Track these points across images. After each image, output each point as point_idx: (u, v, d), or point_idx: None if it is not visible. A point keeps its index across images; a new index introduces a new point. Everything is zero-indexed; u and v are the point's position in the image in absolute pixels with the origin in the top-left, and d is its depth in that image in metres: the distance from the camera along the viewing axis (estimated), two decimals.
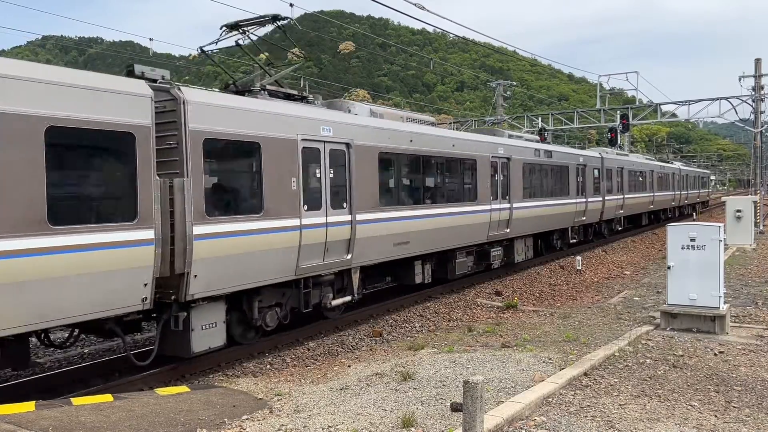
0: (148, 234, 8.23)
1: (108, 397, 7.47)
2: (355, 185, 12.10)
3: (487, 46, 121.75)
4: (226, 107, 9.55)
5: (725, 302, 10.48)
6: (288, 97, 11.81)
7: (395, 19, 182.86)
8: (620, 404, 6.82)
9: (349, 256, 11.96)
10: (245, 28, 11.97)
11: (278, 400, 7.45)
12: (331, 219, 11.48)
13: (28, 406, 6.79)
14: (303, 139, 10.84)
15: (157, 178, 8.44)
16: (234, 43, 12.04)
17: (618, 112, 36.86)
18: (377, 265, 13.44)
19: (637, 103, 39.11)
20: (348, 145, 12.03)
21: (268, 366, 10.46)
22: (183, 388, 8.26)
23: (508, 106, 47.64)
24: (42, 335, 8.80)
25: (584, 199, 24.75)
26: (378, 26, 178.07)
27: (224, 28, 11.96)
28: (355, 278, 12.53)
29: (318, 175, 11.30)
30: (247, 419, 6.60)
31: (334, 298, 12.08)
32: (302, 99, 12.15)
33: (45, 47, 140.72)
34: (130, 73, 9.07)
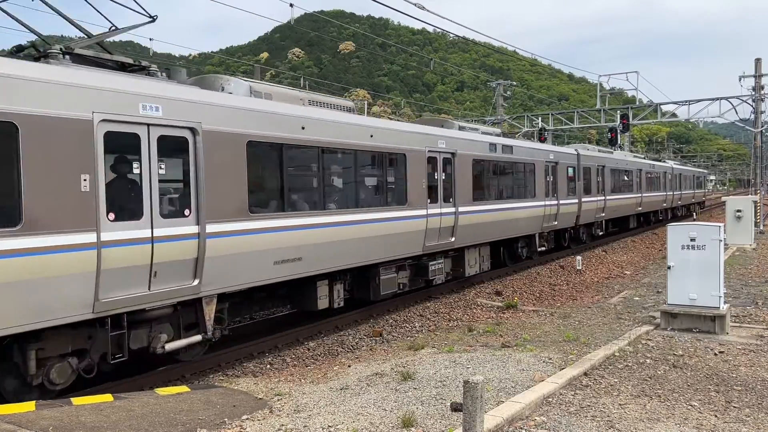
0: None
1: (108, 397, 7.47)
2: (205, 185, 9.06)
3: (487, 46, 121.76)
4: None
5: (725, 302, 10.48)
6: (123, 67, 9.15)
7: (395, 19, 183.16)
8: (620, 404, 6.82)
9: (196, 282, 8.97)
10: None
11: (278, 399, 7.45)
12: (161, 232, 8.48)
13: (28, 405, 6.79)
14: (102, 120, 7.82)
15: None
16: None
17: (618, 112, 36.88)
18: (257, 290, 10.90)
19: (637, 103, 39.13)
20: (193, 131, 8.98)
21: (268, 366, 10.47)
22: (183, 388, 8.26)
23: (509, 106, 47.65)
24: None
25: (555, 202, 21.97)
26: (378, 26, 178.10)
27: None
28: (209, 310, 9.42)
29: (132, 171, 8.33)
30: (247, 419, 6.60)
31: (170, 340, 8.95)
32: (142, 69, 9.40)
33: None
34: None
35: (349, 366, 9.32)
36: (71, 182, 7.47)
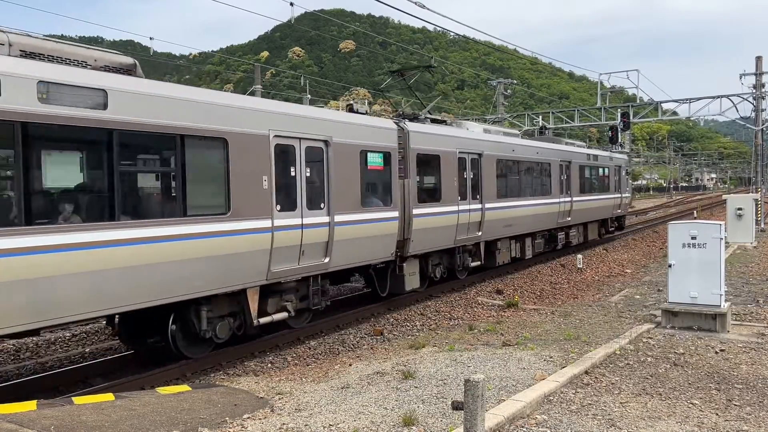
0: None
1: (109, 396, 7.48)
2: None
3: (487, 45, 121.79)
4: None
5: (726, 300, 10.48)
6: None
7: (395, 18, 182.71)
8: (621, 402, 6.82)
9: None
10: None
11: (279, 398, 7.46)
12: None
13: (30, 405, 6.80)
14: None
15: None
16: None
17: (619, 110, 36.85)
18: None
19: (638, 101, 39.06)
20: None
21: (270, 365, 10.47)
22: (184, 387, 8.27)
23: (509, 105, 47.62)
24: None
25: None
26: (378, 25, 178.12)
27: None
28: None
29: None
30: (248, 418, 6.61)
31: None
32: None
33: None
34: None
35: (350, 365, 9.33)
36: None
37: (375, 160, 13.04)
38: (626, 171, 31.07)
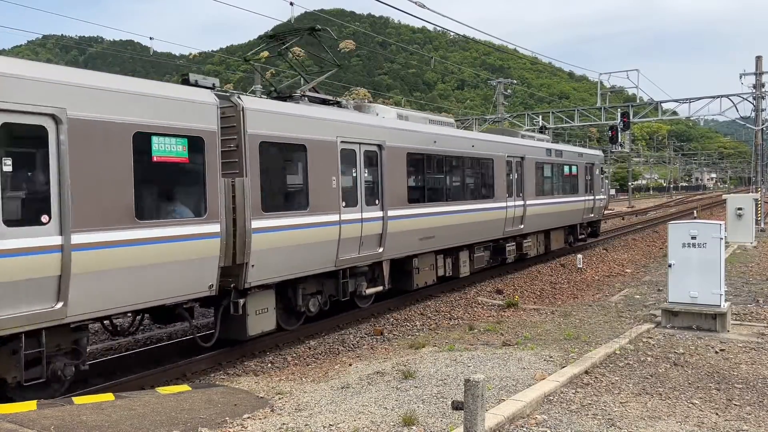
0: None
1: (109, 396, 7.48)
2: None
3: (487, 45, 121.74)
4: None
5: (726, 300, 10.48)
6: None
7: (395, 18, 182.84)
8: (621, 402, 6.82)
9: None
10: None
11: (279, 398, 7.46)
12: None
13: (30, 405, 6.80)
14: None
15: None
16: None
17: (619, 110, 36.82)
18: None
19: (638, 101, 39.05)
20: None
21: (270, 365, 10.47)
22: (184, 387, 8.27)
23: (509, 105, 47.63)
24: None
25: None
26: (378, 24, 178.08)
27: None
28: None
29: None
30: (248, 418, 6.61)
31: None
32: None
33: (45, 46, 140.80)
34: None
35: (350, 365, 9.33)
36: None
37: (168, 149, 8.90)
38: (601, 169, 27.28)
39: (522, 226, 19.44)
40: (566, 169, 23.23)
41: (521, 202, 19.35)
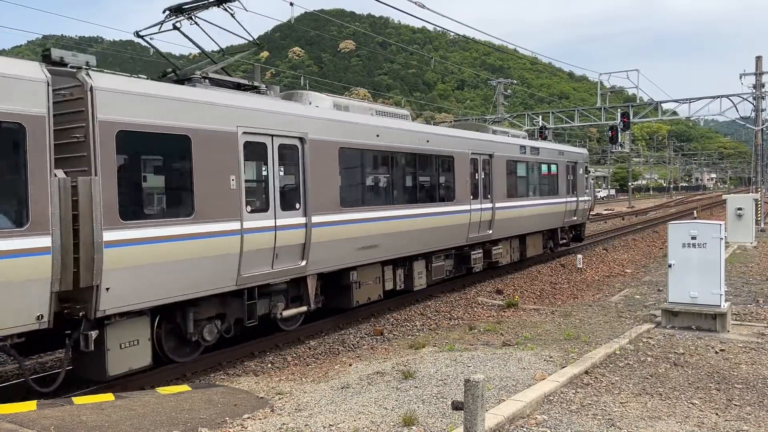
0: None
1: (109, 396, 7.48)
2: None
3: (487, 45, 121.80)
4: None
5: (726, 300, 10.48)
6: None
7: (395, 18, 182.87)
8: (621, 402, 6.82)
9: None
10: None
11: (279, 398, 7.46)
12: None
13: (30, 405, 6.80)
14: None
15: None
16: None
17: (619, 110, 36.83)
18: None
19: (638, 101, 39.07)
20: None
21: (270, 365, 10.48)
22: (184, 387, 8.27)
23: (509, 105, 47.64)
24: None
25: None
26: (378, 25, 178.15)
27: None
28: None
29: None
30: (248, 418, 6.61)
31: None
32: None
33: (45, 47, 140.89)
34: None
35: (350, 365, 9.33)
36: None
37: None
38: (585, 168, 24.94)
39: (490, 232, 17.50)
40: (544, 168, 21.28)
41: (489, 205, 17.39)
